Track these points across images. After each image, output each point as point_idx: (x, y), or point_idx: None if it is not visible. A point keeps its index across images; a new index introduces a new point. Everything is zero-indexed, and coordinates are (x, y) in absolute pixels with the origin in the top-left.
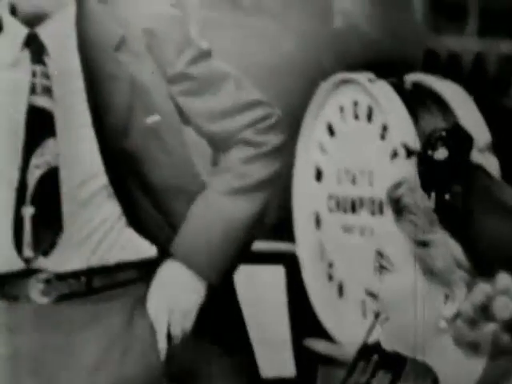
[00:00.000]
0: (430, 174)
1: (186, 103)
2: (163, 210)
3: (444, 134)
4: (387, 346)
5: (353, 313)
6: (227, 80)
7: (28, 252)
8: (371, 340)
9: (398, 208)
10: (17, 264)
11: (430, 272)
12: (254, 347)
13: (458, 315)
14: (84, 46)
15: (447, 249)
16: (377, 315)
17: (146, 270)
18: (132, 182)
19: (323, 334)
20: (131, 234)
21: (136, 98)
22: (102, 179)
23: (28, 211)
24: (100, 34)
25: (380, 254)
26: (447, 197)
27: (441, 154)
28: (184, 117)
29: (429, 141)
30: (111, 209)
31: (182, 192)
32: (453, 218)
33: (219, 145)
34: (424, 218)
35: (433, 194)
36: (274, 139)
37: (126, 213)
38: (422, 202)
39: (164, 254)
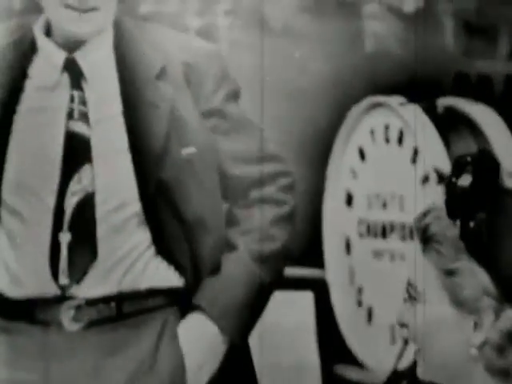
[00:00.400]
0: (454, 202)
1: (214, 140)
2: (191, 242)
3: (469, 159)
4: (421, 375)
5: (382, 339)
6: (253, 127)
7: (64, 279)
8: (401, 366)
9: (426, 237)
10: (49, 289)
11: (457, 301)
12: (284, 373)
13: (486, 342)
14: (124, 71)
15: (474, 277)
16: (406, 342)
17: (173, 297)
18: (164, 212)
19: (352, 359)
20: (160, 263)
21: (174, 127)
22: (136, 206)
23: (65, 237)
24: (141, 61)
25: (409, 284)
26: (472, 224)
27: (464, 180)
28: None
29: (455, 167)
30: (142, 236)
31: (208, 226)
32: (478, 246)
33: (238, 193)
34: (450, 247)
35: (458, 222)
36: (292, 201)
37: (156, 241)
38: (448, 230)
39: (190, 284)
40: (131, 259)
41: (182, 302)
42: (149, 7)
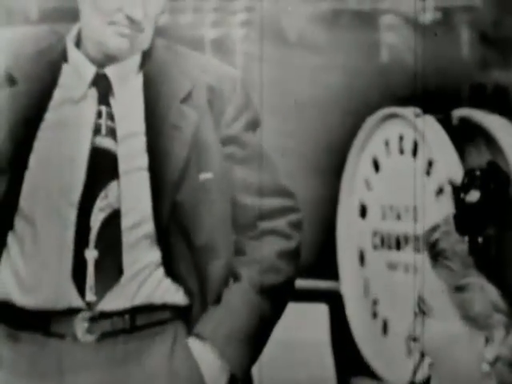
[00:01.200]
0: (463, 217)
1: (229, 168)
2: (200, 267)
3: (478, 173)
4: None
5: (397, 350)
6: (269, 160)
7: (91, 296)
8: (417, 379)
9: (435, 252)
10: (73, 304)
11: (468, 316)
12: None
13: (498, 358)
14: (150, 91)
15: (484, 292)
16: (422, 354)
17: (182, 311)
18: (175, 234)
19: (368, 372)
20: (168, 283)
21: (194, 152)
22: (150, 225)
23: (92, 254)
24: (168, 83)
25: (421, 299)
26: (480, 240)
27: (472, 196)
28: None
29: (463, 182)
30: (155, 255)
31: (217, 253)
32: (487, 261)
33: (246, 223)
34: (460, 263)
35: (466, 238)
36: (299, 238)
37: (165, 263)
38: (457, 245)
39: (196, 308)
40: (144, 275)
41: (189, 317)
42: (164, 18)
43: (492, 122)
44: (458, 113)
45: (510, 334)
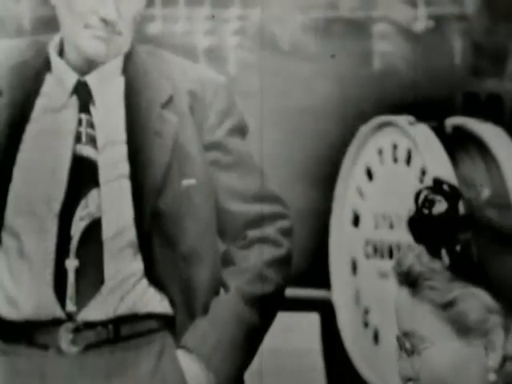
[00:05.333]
0: (432, 233)
1: (213, 174)
2: (184, 276)
3: (428, 191)
4: None
5: (389, 360)
6: (255, 166)
7: (71, 306)
8: None
9: (412, 279)
10: (54, 314)
11: (464, 328)
12: None
13: (506, 359)
14: (131, 97)
15: (475, 299)
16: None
17: (168, 321)
18: (158, 242)
19: (359, 381)
20: (153, 292)
21: (176, 157)
22: (132, 234)
23: (73, 264)
24: (149, 88)
25: (405, 336)
26: (458, 248)
27: (440, 207)
28: None
29: (419, 201)
30: (138, 265)
31: (202, 261)
32: (470, 267)
33: (235, 231)
34: (441, 279)
35: (443, 251)
36: (289, 245)
37: (148, 272)
38: (432, 263)
39: (180, 319)
40: (128, 285)
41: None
42: (157, 27)
43: (485, 130)
44: (452, 121)
45: (510, 332)
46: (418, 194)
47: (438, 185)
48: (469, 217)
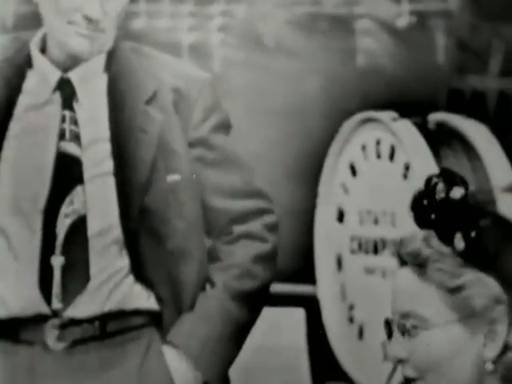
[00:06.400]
0: (449, 217)
1: (198, 170)
2: (171, 272)
3: (439, 179)
4: None
5: (373, 356)
6: (240, 162)
7: (57, 303)
8: None
9: (420, 262)
10: (40, 311)
11: (469, 314)
12: None
13: (507, 348)
14: (115, 94)
15: (484, 286)
16: (400, 360)
17: (156, 317)
18: (144, 239)
19: (344, 377)
20: (140, 289)
21: (160, 154)
22: (118, 231)
23: (58, 261)
24: (133, 85)
25: (405, 316)
26: (473, 234)
27: (456, 192)
28: None
29: (444, 181)
30: (124, 262)
31: (189, 257)
32: (483, 254)
33: (220, 227)
34: (450, 262)
35: (458, 236)
36: (275, 240)
37: (134, 269)
38: (441, 247)
39: (167, 315)
40: (114, 282)
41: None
42: (142, 23)
43: (468, 126)
44: (435, 117)
45: None
46: (429, 180)
47: (448, 173)
48: (486, 203)
